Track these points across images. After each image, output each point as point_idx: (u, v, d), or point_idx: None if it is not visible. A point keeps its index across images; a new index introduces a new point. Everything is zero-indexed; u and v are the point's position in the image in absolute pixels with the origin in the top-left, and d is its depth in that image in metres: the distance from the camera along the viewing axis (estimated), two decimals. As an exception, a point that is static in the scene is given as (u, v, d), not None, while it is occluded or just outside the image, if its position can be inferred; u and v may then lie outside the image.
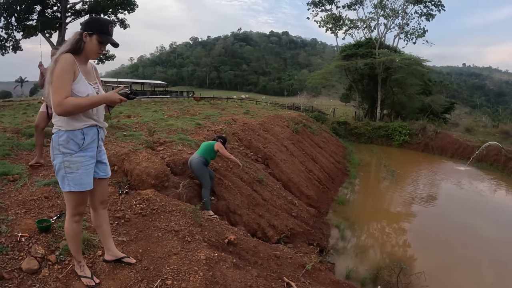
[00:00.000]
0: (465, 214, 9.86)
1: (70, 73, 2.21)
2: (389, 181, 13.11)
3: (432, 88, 32.48)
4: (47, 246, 2.83)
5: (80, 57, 2.34)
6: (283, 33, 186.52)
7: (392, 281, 5.40)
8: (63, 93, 2.14)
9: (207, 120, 10.98)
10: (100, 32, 2.33)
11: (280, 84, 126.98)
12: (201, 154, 5.84)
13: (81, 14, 26.96)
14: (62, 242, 2.89)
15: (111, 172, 3.74)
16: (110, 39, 2.39)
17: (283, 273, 3.86)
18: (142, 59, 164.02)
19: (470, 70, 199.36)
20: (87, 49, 2.34)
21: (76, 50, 2.30)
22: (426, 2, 30.34)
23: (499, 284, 5.84)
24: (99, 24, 2.37)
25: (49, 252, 2.78)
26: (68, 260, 2.72)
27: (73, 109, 2.16)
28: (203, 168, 5.75)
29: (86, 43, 2.32)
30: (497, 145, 17.31)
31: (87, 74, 2.39)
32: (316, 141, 15.94)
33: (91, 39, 2.31)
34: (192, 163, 5.80)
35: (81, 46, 2.31)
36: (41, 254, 2.69)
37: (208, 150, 5.93)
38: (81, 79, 2.29)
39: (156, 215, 3.89)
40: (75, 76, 2.25)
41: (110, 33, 2.39)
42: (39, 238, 2.90)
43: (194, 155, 5.93)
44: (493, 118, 65.77)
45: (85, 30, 2.31)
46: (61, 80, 2.16)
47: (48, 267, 2.63)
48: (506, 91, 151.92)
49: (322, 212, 8.65)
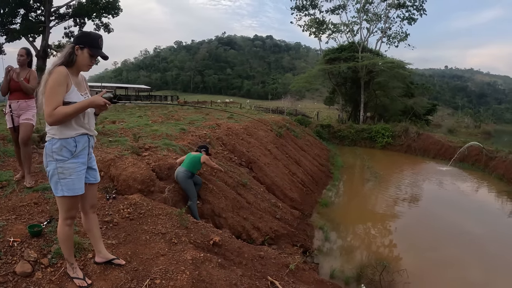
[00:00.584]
0: (448, 213, 10.17)
1: (63, 85, 2.36)
2: (372, 182, 13.44)
3: (415, 91, 33.39)
4: (39, 250, 2.95)
5: (72, 69, 2.48)
6: (267, 37, 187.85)
7: (375, 279, 5.61)
8: (54, 104, 2.28)
9: (191, 125, 11.09)
10: (91, 46, 2.48)
11: (264, 88, 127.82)
12: (187, 168, 5.92)
13: (65, 18, 26.57)
14: (54, 246, 3.01)
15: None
16: (100, 52, 2.54)
17: (267, 273, 4.04)
18: (126, 63, 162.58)
19: (452, 72, 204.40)
20: (78, 62, 2.48)
21: (68, 62, 2.44)
22: (408, 7, 31.26)
23: (482, 280, 6.07)
24: (91, 38, 2.51)
25: (42, 256, 2.89)
26: (60, 263, 2.84)
27: (62, 118, 2.29)
28: (188, 182, 5.86)
29: (78, 56, 2.46)
30: (478, 145, 17.98)
31: (79, 85, 2.54)
32: (300, 145, 16.21)
33: (82, 52, 2.46)
34: (178, 177, 5.92)
35: (73, 59, 2.45)
36: (33, 258, 2.81)
37: (194, 163, 6.02)
38: (74, 90, 2.44)
39: (143, 218, 4.03)
40: (68, 87, 2.40)
41: (100, 46, 2.55)
42: (31, 243, 3.01)
43: (180, 168, 6.00)
44: (475, 119, 67.97)
45: (76, 44, 2.46)
46: (54, 92, 2.30)
47: (41, 270, 2.75)
48: (488, 93, 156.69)
49: (306, 214, 8.86)
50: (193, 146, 8.29)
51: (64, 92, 2.36)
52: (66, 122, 2.38)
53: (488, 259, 6.95)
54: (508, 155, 15.48)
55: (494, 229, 9.04)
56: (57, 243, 3.00)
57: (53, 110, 2.26)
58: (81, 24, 27.82)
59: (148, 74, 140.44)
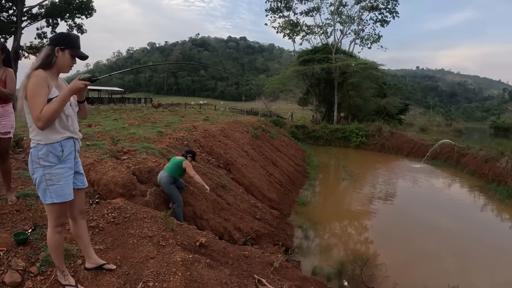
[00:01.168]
0: (423, 209, 10.58)
1: (44, 87, 2.31)
2: (348, 181, 13.76)
3: (387, 91, 34.35)
4: (27, 259, 2.88)
5: (51, 72, 2.44)
6: (241, 38, 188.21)
7: (356, 274, 5.81)
8: (40, 107, 2.24)
9: (168, 128, 11.02)
10: (72, 47, 2.46)
11: (238, 89, 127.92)
12: (169, 173, 5.87)
13: (38, 18, 25.69)
14: (41, 253, 2.95)
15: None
16: (81, 52, 2.52)
17: (253, 271, 4.14)
18: (98, 65, 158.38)
19: (423, 72, 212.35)
20: (59, 64, 2.45)
21: (46, 65, 2.40)
22: (381, 9, 32.09)
23: (457, 272, 6.36)
24: (71, 38, 2.48)
25: (30, 264, 2.83)
26: (50, 271, 2.80)
27: (50, 116, 2.24)
28: (171, 187, 5.82)
29: (58, 58, 2.43)
30: (450, 143, 18.77)
31: (59, 88, 2.48)
32: (276, 145, 16.41)
33: (63, 54, 2.43)
34: (161, 183, 5.88)
35: (52, 61, 2.42)
36: (22, 267, 2.75)
37: (176, 167, 5.93)
38: (55, 93, 2.38)
39: (129, 222, 4.03)
40: (49, 89, 2.35)
41: (80, 47, 2.53)
42: (18, 251, 2.94)
43: (162, 173, 5.95)
44: (446, 118, 70.83)
45: (56, 45, 2.42)
46: (36, 94, 2.26)
47: (31, 279, 2.70)
48: (458, 92, 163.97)
49: (285, 214, 9.01)
50: (172, 149, 8.27)
51: (47, 93, 2.32)
52: (51, 126, 2.34)
53: (461, 251, 7.33)
54: (479, 152, 16.16)
55: (467, 222, 9.51)
56: (45, 251, 2.95)
57: (40, 113, 2.23)
58: (54, 24, 27.00)
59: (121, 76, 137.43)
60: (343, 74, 29.72)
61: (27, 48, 25.40)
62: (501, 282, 6.05)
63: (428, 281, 5.79)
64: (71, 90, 2.33)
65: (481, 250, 7.49)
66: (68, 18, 26.81)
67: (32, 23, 25.81)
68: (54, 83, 2.43)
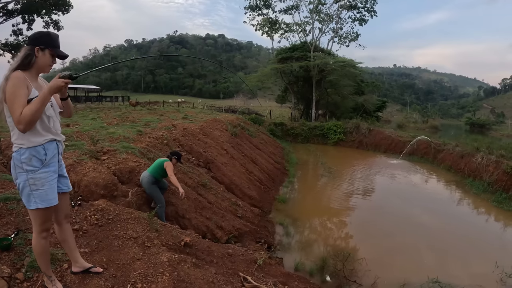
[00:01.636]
0: (401, 204, 10.91)
1: (23, 88, 2.25)
2: (327, 178, 13.98)
3: (365, 88, 34.91)
4: (12, 265, 2.83)
5: (30, 72, 2.38)
6: (219, 36, 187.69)
7: (338, 269, 5.97)
8: (20, 109, 2.18)
9: (147, 127, 10.90)
10: (52, 46, 2.41)
11: (216, 87, 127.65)
12: (151, 173, 5.85)
13: (14, 14, 24.75)
14: (26, 259, 2.90)
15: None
16: (62, 52, 2.48)
17: (238, 269, 4.21)
18: (74, 63, 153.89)
19: (400, 70, 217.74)
20: (39, 63, 2.39)
21: (25, 65, 2.34)
22: (359, 8, 32.57)
23: (435, 265, 6.60)
24: (51, 38, 2.43)
25: (15, 271, 2.78)
26: (36, 277, 2.76)
27: (30, 117, 2.18)
28: (152, 187, 5.79)
29: (39, 58, 2.37)
30: (426, 139, 19.36)
31: (39, 89, 2.41)
32: (255, 143, 16.49)
33: (44, 54, 2.38)
34: (143, 182, 5.85)
35: (31, 61, 2.35)
36: (7, 273, 2.69)
37: (158, 168, 5.92)
38: (34, 94, 2.32)
39: (113, 224, 4.01)
40: (28, 90, 2.29)
41: (59, 46, 2.48)
42: (2, 257, 2.88)
43: (145, 173, 5.92)
44: (422, 115, 72.85)
45: (36, 45, 2.36)
46: (15, 96, 2.20)
47: (17, 285, 2.65)
48: (434, 89, 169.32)
49: (265, 211, 9.11)
50: (152, 149, 8.21)
51: (27, 94, 2.26)
52: (33, 129, 2.30)
53: (439, 244, 7.62)
54: (455, 148, 16.74)
55: (444, 216, 9.83)
56: (30, 256, 2.90)
57: (20, 115, 2.17)
58: (30, 21, 26.10)
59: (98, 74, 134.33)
60: (321, 72, 30.04)
61: (2, 45, 24.50)
62: (477, 274, 6.32)
63: (408, 274, 6.00)
64: (51, 89, 2.26)
65: (458, 243, 7.82)
66: (45, 14, 26.04)
67: (8, 19, 24.96)
68: (34, 84, 2.37)
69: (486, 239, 8.29)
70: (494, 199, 11.21)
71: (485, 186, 12.53)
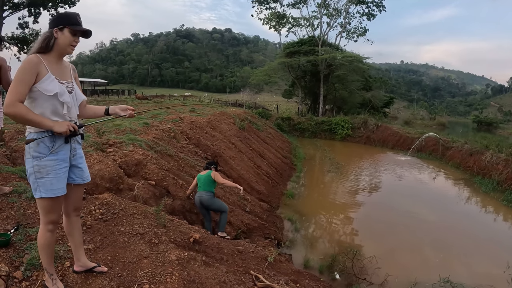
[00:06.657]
0: (408, 201, 10.69)
1: (30, 74, 2.13)
2: (334, 173, 13.79)
3: (372, 84, 34.67)
4: (10, 262, 2.64)
5: (50, 55, 2.26)
6: (225, 30, 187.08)
7: (347, 267, 5.79)
8: (17, 95, 2.07)
9: (154, 119, 10.72)
10: (71, 24, 2.27)
11: (222, 81, 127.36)
12: (208, 190, 5.92)
13: (20, 7, 24.98)
14: (26, 256, 2.71)
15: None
16: (82, 28, 2.33)
17: (249, 267, 4.01)
18: (81, 56, 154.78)
19: (407, 67, 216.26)
20: (59, 44, 2.26)
21: (45, 48, 2.23)
22: (368, 3, 32.12)
23: (444, 263, 6.43)
24: (69, 16, 2.30)
25: (14, 269, 2.59)
26: (36, 275, 2.56)
27: (19, 118, 2.09)
28: (215, 200, 5.96)
29: (58, 39, 2.24)
30: (435, 136, 19.07)
31: (61, 73, 2.31)
32: (262, 137, 16.29)
33: (63, 33, 2.25)
34: (205, 201, 5.84)
35: (50, 43, 2.24)
36: (5, 272, 2.50)
37: (209, 182, 6.01)
38: (49, 78, 2.19)
39: (118, 219, 3.81)
40: (40, 75, 2.16)
41: (80, 23, 2.34)
42: (0, 254, 2.70)
43: (201, 192, 5.91)
44: (430, 111, 72.11)
45: (54, 27, 2.24)
46: (19, 80, 2.10)
47: (16, 285, 2.46)
48: (442, 86, 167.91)
49: (274, 206, 8.94)
50: (159, 141, 8.02)
51: (31, 81, 2.13)
52: (43, 112, 2.18)
53: (448, 243, 7.42)
54: (464, 145, 16.45)
55: (452, 214, 9.63)
56: (29, 253, 2.71)
57: (16, 101, 2.05)
58: (36, 14, 26.29)
59: (104, 68, 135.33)
60: (329, 66, 29.76)
61: (8, 38, 24.52)
62: (488, 273, 6.12)
63: (417, 272, 5.83)
64: (54, 126, 2.17)
65: (467, 242, 7.62)
66: (51, 7, 26.22)
67: (14, 12, 25.10)
68: (53, 67, 2.25)
69: (496, 238, 8.06)
70: (504, 198, 10.90)
71: (494, 185, 12.23)
